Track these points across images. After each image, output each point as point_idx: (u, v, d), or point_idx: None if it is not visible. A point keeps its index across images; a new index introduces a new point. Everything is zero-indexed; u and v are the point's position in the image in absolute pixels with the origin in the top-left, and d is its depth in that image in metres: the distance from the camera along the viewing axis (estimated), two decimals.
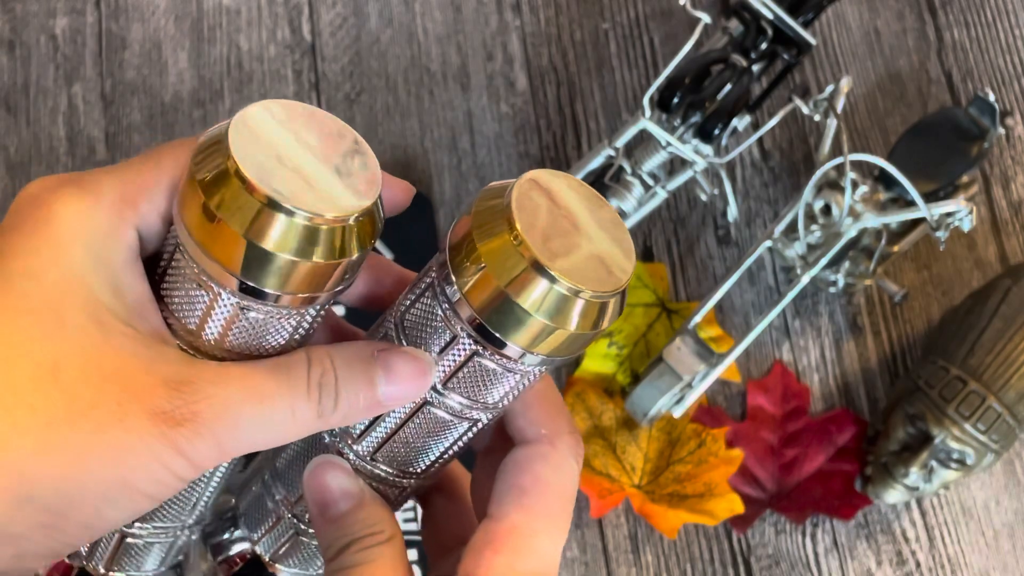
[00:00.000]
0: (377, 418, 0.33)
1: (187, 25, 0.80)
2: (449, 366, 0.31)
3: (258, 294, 0.29)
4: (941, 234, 0.65)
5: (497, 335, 0.29)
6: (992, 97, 0.69)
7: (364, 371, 0.31)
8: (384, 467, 0.34)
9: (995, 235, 0.74)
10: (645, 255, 0.74)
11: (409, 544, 0.66)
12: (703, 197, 0.71)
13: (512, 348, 0.29)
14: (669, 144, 0.64)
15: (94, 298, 0.29)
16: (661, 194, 0.67)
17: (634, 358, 0.71)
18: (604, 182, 0.67)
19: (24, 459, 0.28)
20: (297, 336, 0.31)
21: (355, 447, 0.33)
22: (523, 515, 0.31)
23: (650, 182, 0.66)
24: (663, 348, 0.66)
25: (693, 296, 0.73)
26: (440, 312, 0.30)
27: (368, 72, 0.79)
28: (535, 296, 0.28)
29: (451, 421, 0.32)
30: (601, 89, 0.78)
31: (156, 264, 0.32)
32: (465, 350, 0.31)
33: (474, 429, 0.33)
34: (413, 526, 0.67)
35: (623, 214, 0.67)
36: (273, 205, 0.28)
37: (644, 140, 0.67)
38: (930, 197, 0.66)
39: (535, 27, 0.79)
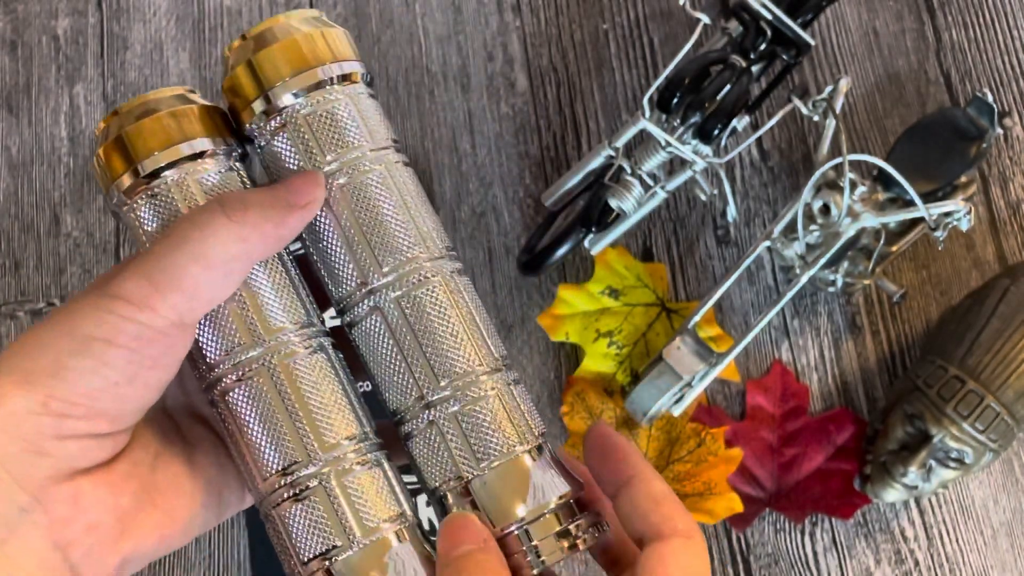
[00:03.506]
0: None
1: (188, 26, 0.80)
2: (281, 162, 0.39)
3: (153, 174, 0.38)
4: (939, 234, 0.65)
5: (261, 98, 0.39)
6: (991, 98, 0.69)
7: (265, 186, 0.38)
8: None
9: (993, 235, 0.74)
10: (645, 255, 0.74)
11: None
12: (702, 197, 0.71)
13: (274, 93, 0.38)
14: (668, 144, 0.65)
15: None
16: (660, 194, 0.67)
17: (634, 358, 0.71)
18: (604, 182, 0.67)
19: None
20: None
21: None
22: None
23: (650, 182, 0.67)
24: (663, 348, 0.67)
25: (693, 296, 0.73)
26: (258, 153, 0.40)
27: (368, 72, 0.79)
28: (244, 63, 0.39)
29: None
30: (601, 89, 0.78)
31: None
32: (266, 141, 0.39)
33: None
34: None
35: (623, 214, 0.67)
36: (113, 114, 0.39)
37: (644, 140, 0.67)
38: (929, 197, 0.67)
39: (535, 28, 0.79)
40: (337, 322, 0.41)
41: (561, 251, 0.69)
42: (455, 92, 0.78)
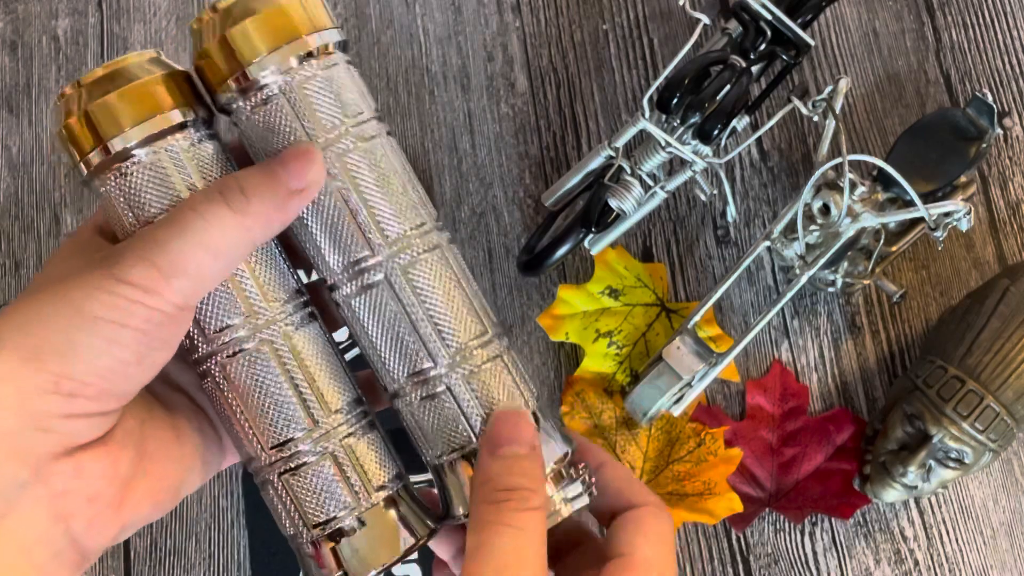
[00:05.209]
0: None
1: (189, 26, 0.80)
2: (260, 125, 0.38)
3: (124, 151, 0.37)
4: (939, 234, 0.65)
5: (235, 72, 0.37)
6: (990, 98, 0.69)
7: (261, 168, 0.37)
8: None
9: (993, 235, 0.74)
10: (645, 255, 0.74)
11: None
12: (702, 197, 0.71)
13: (252, 71, 0.37)
14: (668, 145, 0.65)
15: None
16: (660, 194, 0.67)
17: (634, 358, 0.72)
18: (604, 182, 0.67)
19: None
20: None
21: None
22: (652, 552, 0.38)
23: (649, 182, 0.67)
24: (662, 348, 0.67)
25: (693, 296, 0.73)
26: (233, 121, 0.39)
27: (369, 73, 0.79)
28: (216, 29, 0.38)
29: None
30: (601, 90, 0.78)
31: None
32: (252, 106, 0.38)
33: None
34: None
35: (623, 214, 0.67)
36: (75, 85, 0.37)
37: (644, 141, 0.67)
38: (928, 197, 0.67)
39: (535, 28, 0.79)
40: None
41: (561, 251, 0.70)
42: (455, 92, 0.78)
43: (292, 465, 0.38)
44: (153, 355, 0.36)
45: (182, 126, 0.37)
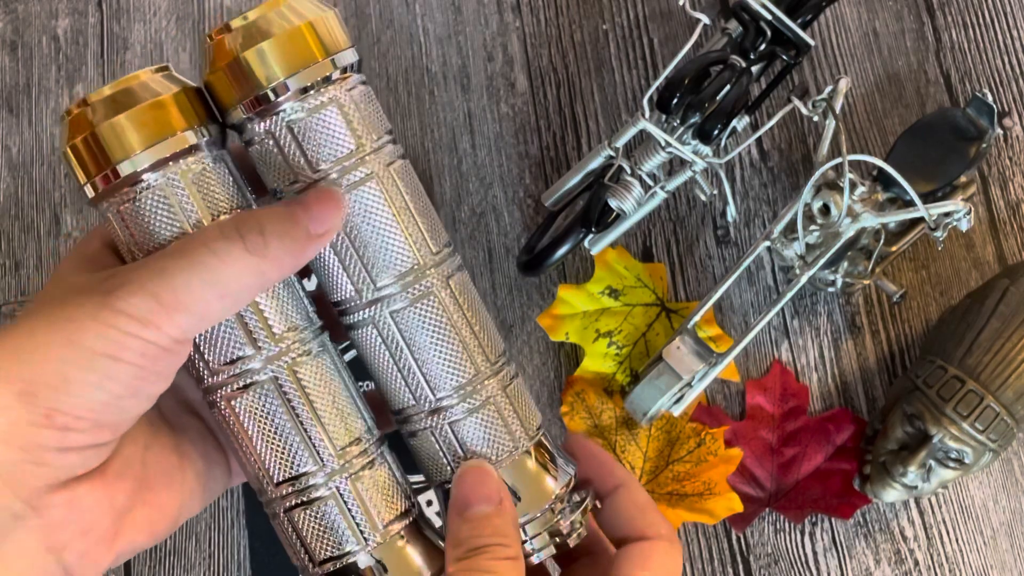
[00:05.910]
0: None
1: (188, 26, 0.80)
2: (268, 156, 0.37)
3: (134, 175, 0.35)
4: (939, 234, 0.65)
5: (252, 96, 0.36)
6: (990, 98, 0.69)
7: (283, 210, 0.36)
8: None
9: (993, 235, 0.74)
10: (645, 255, 0.74)
11: None
12: (702, 197, 0.71)
13: (266, 95, 0.36)
14: (668, 145, 0.65)
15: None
16: (660, 194, 0.67)
17: (634, 358, 0.72)
18: (604, 182, 0.67)
19: None
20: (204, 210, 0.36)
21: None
22: None
23: (649, 182, 0.67)
24: (662, 348, 0.67)
25: (693, 296, 0.73)
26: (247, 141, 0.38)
27: (368, 73, 0.79)
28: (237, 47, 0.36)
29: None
30: (601, 90, 0.78)
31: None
32: (260, 132, 0.37)
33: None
34: None
35: (623, 214, 0.67)
36: (82, 103, 0.36)
37: (644, 141, 0.67)
38: (928, 197, 0.67)
39: (535, 28, 0.79)
40: None
41: (561, 251, 0.70)
42: (455, 92, 0.78)
43: (299, 501, 0.37)
44: (148, 388, 0.35)
45: (194, 148, 0.36)
